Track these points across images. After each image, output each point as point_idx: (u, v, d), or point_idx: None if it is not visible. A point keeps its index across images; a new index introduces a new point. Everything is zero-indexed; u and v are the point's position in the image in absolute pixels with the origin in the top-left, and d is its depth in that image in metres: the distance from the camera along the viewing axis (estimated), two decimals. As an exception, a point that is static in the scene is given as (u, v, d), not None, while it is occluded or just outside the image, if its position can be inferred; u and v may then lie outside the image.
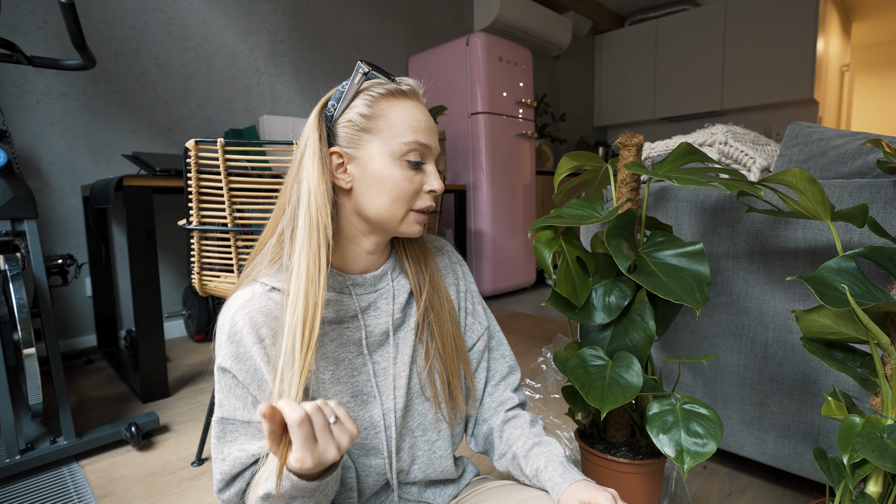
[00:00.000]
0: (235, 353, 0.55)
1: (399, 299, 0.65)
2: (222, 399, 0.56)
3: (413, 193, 0.59)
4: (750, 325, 1.07)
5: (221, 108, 2.60)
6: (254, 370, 0.55)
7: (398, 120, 0.58)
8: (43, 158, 2.07)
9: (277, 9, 2.79)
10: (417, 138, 0.58)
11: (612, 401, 0.75)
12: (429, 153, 0.60)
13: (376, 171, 0.58)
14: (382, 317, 0.64)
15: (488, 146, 3.15)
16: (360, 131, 0.58)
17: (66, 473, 1.24)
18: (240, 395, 0.56)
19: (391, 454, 0.63)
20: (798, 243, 0.98)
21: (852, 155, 0.97)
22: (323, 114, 0.59)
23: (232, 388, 0.56)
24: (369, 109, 0.58)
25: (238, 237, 1.19)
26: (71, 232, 2.16)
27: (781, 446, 1.06)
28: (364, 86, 0.59)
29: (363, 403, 0.61)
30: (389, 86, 0.59)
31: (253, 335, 0.54)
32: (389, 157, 0.58)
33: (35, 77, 2.03)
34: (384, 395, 0.63)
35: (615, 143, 0.95)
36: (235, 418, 0.56)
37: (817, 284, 0.66)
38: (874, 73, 5.94)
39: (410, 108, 0.59)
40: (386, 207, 0.58)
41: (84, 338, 2.23)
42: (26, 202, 1.29)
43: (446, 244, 0.77)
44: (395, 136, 0.57)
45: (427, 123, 0.60)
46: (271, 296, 0.56)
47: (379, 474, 0.63)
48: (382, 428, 0.62)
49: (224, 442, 0.56)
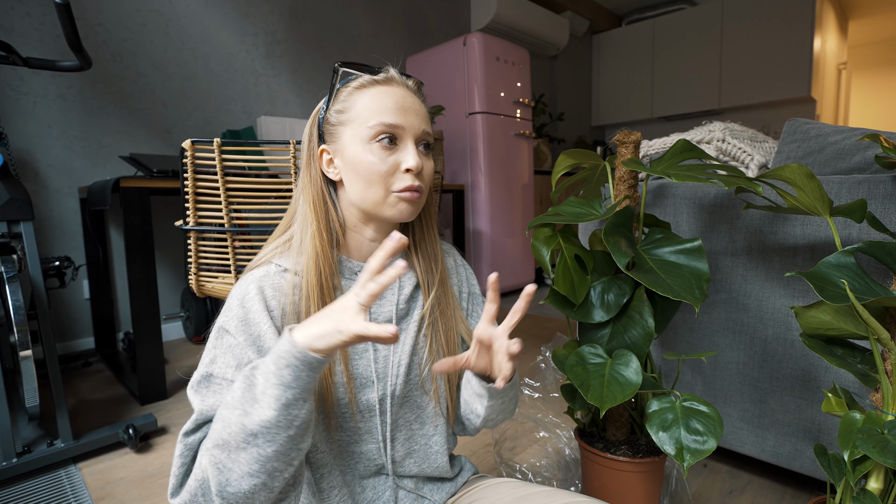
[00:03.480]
0: (243, 317, 0.56)
1: (404, 291, 0.67)
2: (216, 356, 0.55)
3: (387, 174, 0.59)
4: (749, 322, 1.06)
5: (219, 110, 2.60)
6: (257, 335, 0.56)
7: (364, 106, 0.60)
8: (40, 160, 2.06)
9: (275, 10, 2.79)
10: (382, 119, 0.59)
11: (611, 399, 0.74)
12: (402, 132, 0.60)
13: (351, 158, 0.60)
14: (386, 306, 0.66)
15: (486, 146, 3.15)
16: (336, 125, 0.62)
17: (64, 476, 1.23)
18: (237, 354, 0.55)
19: (385, 439, 0.64)
20: (797, 239, 0.98)
21: (850, 151, 0.97)
22: (316, 116, 0.64)
23: (231, 348, 0.55)
24: (342, 104, 0.61)
25: (235, 237, 1.18)
26: (68, 234, 2.15)
27: (782, 444, 1.05)
28: (343, 84, 0.63)
29: (361, 387, 0.63)
30: (363, 78, 0.62)
31: (261, 305, 0.57)
32: (360, 143, 0.59)
33: (32, 79, 2.03)
34: (382, 380, 0.64)
35: (612, 141, 0.95)
36: (225, 376, 0.54)
37: (817, 280, 0.66)
38: (871, 70, 5.95)
39: (380, 93, 0.60)
40: (365, 192, 0.60)
41: (82, 340, 2.22)
42: (23, 204, 1.28)
43: (451, 248, 0.78)
44: (362, 122, 0.59)
45: (397, 103, 0.60)
46: (283, 275, 0.60)
47: (370, 460, 0.64)
48: (378, 412, 0.63)
49: (208, 391, 0.54)
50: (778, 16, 4.05)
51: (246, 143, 1.09)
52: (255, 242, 1.22)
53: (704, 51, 4.51)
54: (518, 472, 1.19)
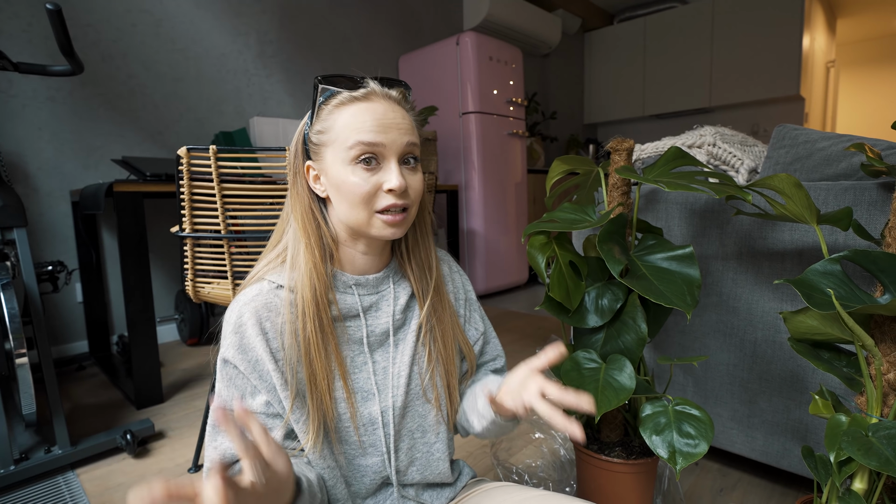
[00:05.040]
0: (239, 344, 0.57)
1: (400, 301, 0.67)
2: (221, 389, 0.59)
3: (369, 195, 0.58)
4: (739, 324, 1.09)
5: (211, 111, 2.58)
6: (255, 361, 0.57)
7: (343, 125, 0.58)
8: (30, 163, 2.04)
9: (266, 9, 2.77)
10: (360, 138, 0.57)
11: (605, 404, 0.76)
12: (383, 150, 0.58)
13: (334, 179, 0.59)
14: (383, 317, 0.66)
15: (480, 145, 3.16)
16: (319, 145, 0.61)
17: (62, 482, 1.23)
18: (239, 384, 0.58)
19: (389, 451, 0.64)
20: (785, 245, 1.00)
21: (837, 157, 0.99)
22: (302, 130, 0.64)
23: (232, 379, 0.58)
24: (322, 124, 0.60)
25: (231, 244, 1.18)
26: (59, 237, 2.14)
27: (771, 443, 1.08)
28: (325, 100, 0.61)
29: (363, 400, 0.63)
30: (342, 96, 0.60)
31: (257, 327, 0.58)
32: (341, 164, 0.58)
33: (21, 81, 2.00)
34: (383, 392, 0.65)
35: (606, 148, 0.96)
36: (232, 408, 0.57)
37: (804, 287, 0.68)
38: (859, 68, 6.02)
39: (359, 111, 0.58)
40: (349, 212, 0.60)
41: (75, 344, 2.21)
42: (16, 210, 1.28)
43: (446, 255, 0.79)
44: (341, 142, 0.58)
45: (377, 120, 0.58)
46: (277, 293, 0.60)
47: (375, 473, 0.64)
48: (381, 424, 0.64)
49: (218, 431, 0.58)
50: (768, 14, 4.09)
51: (241, 150, 1.09)
52: (252, 248, 1.23)
53: (695, 49, 4.54)
54: (514, 473, 1.21)
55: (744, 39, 4.24)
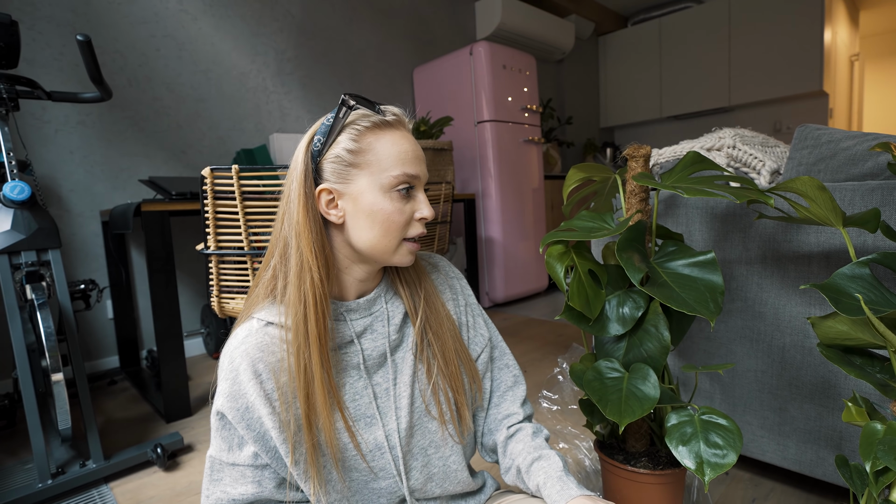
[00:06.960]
0: (230, 392, 0.57)
1: (394, 321, 0.66)
2: (213, 437, 0.59)
3: (404, 224, 0.60)
4: (766, 330, 1.06)
5: (232, 129, 2.65)
6: (245, 408, 0.56)
7: (385, 153, 0.58)
8: (63, 185, 2.13)
9: (283, 28, 2.84)
10: (406, 170, 0.58)
11: (629, 414, 0.75)
12: (418, 182, 0.61)
13: (367, 206, 0.58)
14: (379, 339, 0.65)
15: (496, 154, 3.17)
16: (349, 167, 0.58)
17: (97, 496, 1.27)
18: (226, 436, 0.58)
19: (400, 473, 0.63)
20: (811, 247, 0.98)
21: (863, 157, 0.97)
22: (309, 149, 0.59)
23: (219, 430, 0.58)
24: (355, 144, 0.58)
25: (255, 259, 1.21)
26: (90, 256, 2.21)
27: (804, 451, 1.05)
28: (349, 119, 0.59)
29: (367, 426, 0.62)
30: (374, 118, 0.59)
31: (249, 371, 0.56)
32: (379, 191, 0.58)
33: (53, 108, 2.09)
34: (386, 416, 0.63)
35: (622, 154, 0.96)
36: (221, 459, 0.58)
37: (831, 292, 0.66)
38: (885, 61, 5.85)
39: (397, 139, 0.59)
40: (378, 240, 0.59)
41: (107, 359, 2.28)
42: (50, 232, 1.33)
43: (441, 260, 0.77)
44: (383, 169, 0.58)
45: (414, 153, 0.60)
46: (267, 330, 0.59)
47: (391, 494, 0.64)
48: (387, 448, 0.62)
49: (210, 480, 0.59)
50: (786, 9, 4.02)
51: (263, 168, 1.12)
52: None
53: (712, 48, 4.48)
54: (539, 483, 1.19)
55: (762, 35, 4.17)
